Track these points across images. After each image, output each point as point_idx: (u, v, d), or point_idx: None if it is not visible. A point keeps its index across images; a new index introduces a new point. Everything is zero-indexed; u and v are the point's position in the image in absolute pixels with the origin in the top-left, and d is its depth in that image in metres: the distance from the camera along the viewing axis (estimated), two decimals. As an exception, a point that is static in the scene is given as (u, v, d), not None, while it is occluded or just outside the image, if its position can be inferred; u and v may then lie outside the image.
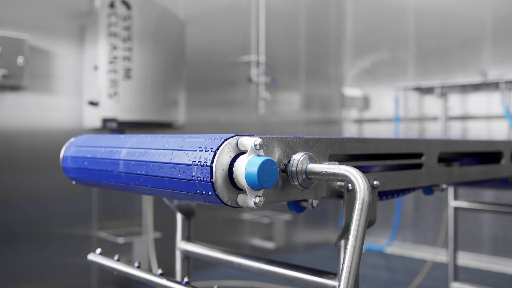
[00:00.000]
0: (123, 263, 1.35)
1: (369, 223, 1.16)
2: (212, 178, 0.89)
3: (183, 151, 0.97)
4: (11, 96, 3.17)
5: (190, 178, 0.93)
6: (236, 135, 0.93)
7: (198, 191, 0.93)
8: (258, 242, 4.51)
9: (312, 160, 0.99)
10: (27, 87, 3.15)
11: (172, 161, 0.98)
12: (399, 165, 1.34)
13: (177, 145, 1.00)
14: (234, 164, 0.91)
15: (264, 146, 0.92)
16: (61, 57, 3.38)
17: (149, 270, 3.67)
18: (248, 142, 0.91)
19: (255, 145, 0.90)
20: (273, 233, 4.49)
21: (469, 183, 2.39)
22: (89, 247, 3.54)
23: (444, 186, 1.44)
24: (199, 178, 0.91)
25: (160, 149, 1.03)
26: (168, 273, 3.77)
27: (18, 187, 3.23)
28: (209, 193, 0.91)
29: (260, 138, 0.91)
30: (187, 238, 1.59)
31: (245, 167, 0.89)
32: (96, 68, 3.22)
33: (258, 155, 0.90)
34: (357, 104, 5.29)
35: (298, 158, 0.98)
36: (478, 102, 4.48)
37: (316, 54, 5.23)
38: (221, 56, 4.38)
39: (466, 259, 4.39)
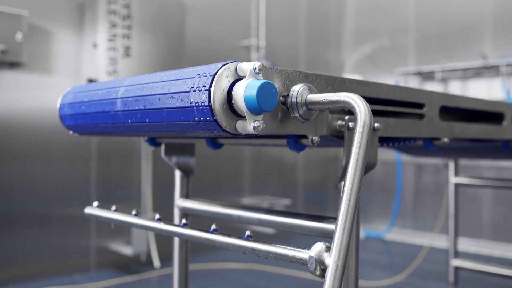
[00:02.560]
0: (121, 212, 1.33)
1: (369, 165, 1.14)
2: (210, 102, 0.87)
3: (181, 80, 0.95)
4: (9, 74, 3.15)
5: (188, 105, 0.92)
6: (235, 61, 0.91)
7: (196, 118, 0.92)
8: (257, 227, 4.50)
9: (312, 91, 0.98)
10: (26, 64, 3.13)
11: (170, 91, 0.97)
12: (401, 114, 1.32)
13: (175, 76, 0.98)
14: (232, 89, 0.90)
15: (264, 69, 0.90)
16: (60, 36, 3.37)
17: (148, 251, 3.66)
18: (247, 66, 0.90)
19: (254, 69, 0.89)
20: (273, 218, 4.48)
21: (470, 154, 2.38)
22: (87, 228, 3.52)
23: (445, 140, 1.43)
24: (197, 104, 0.90)
25: (158, 81, 1.02)
26: (168, 257, 3.74)
27: (16, 168, 3.22)
28: (208, 118, 0.89)
29: (260, 63, 0.90)
30: (186, 195, 1.57)
31: (244, 90, 0.87)
32: (95, 45, 3.21)
33: (257, 79, 0.88)
34: (357, 91, 5.27)
35: (297, 89, 0.97)
36: (479, 88, 4.47)
37: (316, 40, 5.21)
38: (221, 40, 4.36)
39: (466, 245, 4.37)
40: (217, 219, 1.42)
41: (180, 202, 1.56)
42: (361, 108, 0.88)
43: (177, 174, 1.58)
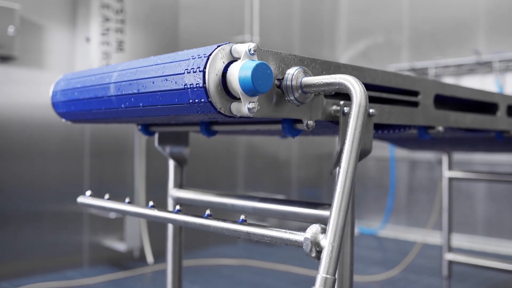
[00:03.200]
0: (114, 200, 1.32)
1: (364, 151, 1.14)
2: (205, 83, 0.87)
3: (175, 62, 0.95)
4: (1, 68, 3.12)
5: (183, 87, 0.91)
6: (229, 43, 0.91)
7: (190, 100, 0.91)
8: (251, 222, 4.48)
9: (307, 74, 0.97)
10: (18, 58, 3.11)
11: (164, 74, 0.96)
12: (395, 101, 1.31)
13: (169, 59, 0.98)
14: (227, 71, 0.89)
15: (259, 51, 0.90)
16: (52, 30, 3.34)
17: (141, 247, 3.65)
18: (242, 48, 0.89)
19: (249, 50, 0.88)
20: (266, 215, 4.47)
21: (464, 146, 2.38)
22: (80, 224, 3.50)
23: (440, 128, 1.42)
24: (191, 85, 0.89)
25: (152, 65, 1.01)
26: (162, 253, 3.72)
27: (7, 164, 3.19)
28: (202, 100, 0.89)
29: (255, 44, 0.89)
30: (179, 185, 1.56)
31: (238, 71, 0.86)
32: (88, 39, 3.19)
33: (252, 60, 0.88)
34: (351, 88, 5.26)
35: (292, 72, 0.96)
36: (472, 84, 4.48)
37: (310, 36, 5.21)
38: (214, 36, 4.35)
39: (460, 241, 4.39)
40: (211, 209, 1.41)
41: (174, 192, 1.55)
42: (357, 89, 0.88)
43: (171, 164, 1.57)
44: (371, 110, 1.14)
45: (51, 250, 3.38)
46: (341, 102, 1.08)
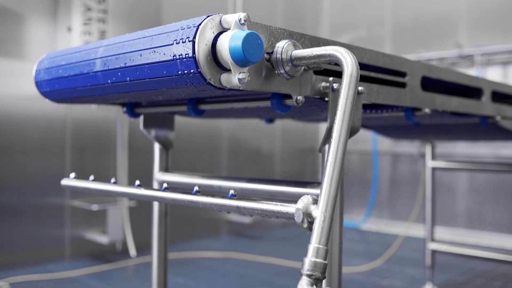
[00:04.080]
0: (99, 181, 1.30)
1: (353, 129, 1.13)
2: (194, 53, 0.85)
3: (164, 34, 0.93)
4: (-19, 58, 3.07)
5: (171, 58, 0.89)
6: (219, 13, 0.90)
7: (179, 72, 0.89)
8: (234, 217, 4.48)
9: (296, 47, 0.96)
10: (-2, 48, 3.06)
11: (152, 46, 0.94)
12: (383, 82, 1.31)
13: (157, 31, 0.96)
14: (217, 41, 0.88)
15: (249, 22, 0.89)
16: (33, 19, 3.29)
17: (124, 240, 3.61)
18: (232, 18, 0.88)
19: (240, 20, 0.87)
20: (250, 208, 4.46)
21: (448, 134, 2.40)
22: (62, 217, 3.46)
23: (427, 110, 1.43)
24: (180, 56, 0.88)
25: (140, 38, 0.99)
26: (144, 246, 3.68)
27: (-12, 151, 3.14)
28: (191, 71, 0.87)
29: (245, 13, 0.88)
30: (165, 169, 1.55)
31: (229, 41, 0.85)
32: (70, 29, 3.15)
33: (243, 30, 0.87)
34: (334, 82, 5.28)
35: (282, 45, 0.95)
36: (454, 78, 4.51)
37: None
38: (198, 28, 4.32)
39: (441, 233, 4.43)
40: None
41: (159, 176, 1.53)
42: (348, 59, 0.87)
43: (156, 147, 1.55)
44: (360, 88, 1.14)
45: (33, 243, 3.33)
46: (330, 79, 1.07)
